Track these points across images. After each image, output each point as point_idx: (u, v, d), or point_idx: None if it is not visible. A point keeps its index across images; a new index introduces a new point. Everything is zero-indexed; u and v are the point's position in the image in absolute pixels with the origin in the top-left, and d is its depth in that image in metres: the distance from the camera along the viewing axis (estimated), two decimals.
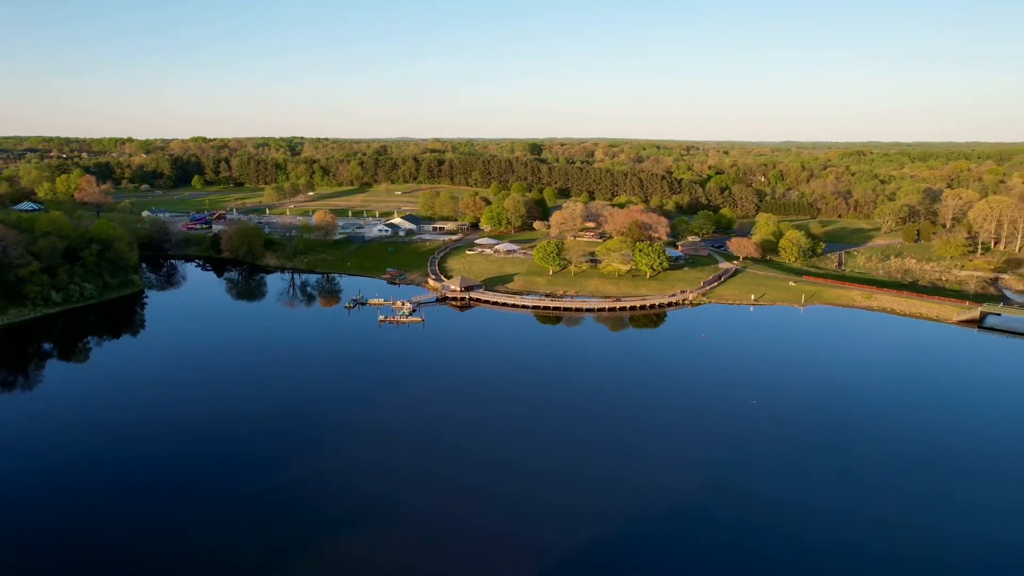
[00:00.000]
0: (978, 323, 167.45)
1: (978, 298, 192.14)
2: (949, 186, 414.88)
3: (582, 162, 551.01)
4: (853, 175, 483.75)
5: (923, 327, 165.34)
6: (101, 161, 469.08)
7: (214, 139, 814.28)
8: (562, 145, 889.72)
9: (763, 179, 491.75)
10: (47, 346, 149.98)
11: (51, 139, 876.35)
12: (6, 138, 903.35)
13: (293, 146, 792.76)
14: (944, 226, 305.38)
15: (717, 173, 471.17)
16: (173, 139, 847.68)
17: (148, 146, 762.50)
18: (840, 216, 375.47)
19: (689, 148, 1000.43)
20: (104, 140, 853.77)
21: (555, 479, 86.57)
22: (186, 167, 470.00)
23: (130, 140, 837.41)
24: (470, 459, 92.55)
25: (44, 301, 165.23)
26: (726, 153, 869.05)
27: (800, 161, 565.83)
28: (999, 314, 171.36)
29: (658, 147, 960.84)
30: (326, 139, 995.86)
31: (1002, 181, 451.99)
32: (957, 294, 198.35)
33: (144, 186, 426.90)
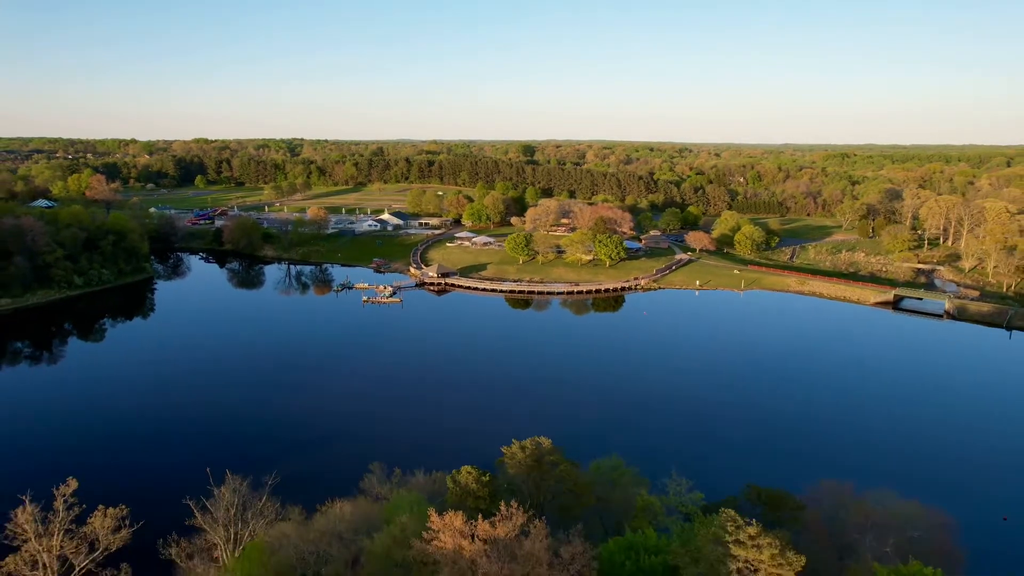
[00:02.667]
0: (893, 305, 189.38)
1: (908, 285, 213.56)
2: (921, 186, 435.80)
3: (572, 164, 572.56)
4: (827, 176, 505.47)
5: (843, 307, 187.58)
6: (108, 161, 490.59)
7: (216, 140, 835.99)
8: (557, 147, 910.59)
9: (742, 180, 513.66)
10: (69, 324, 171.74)
11: (56, 140, 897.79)
12: (12, 139, 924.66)
13: (293, 147, 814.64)
14: (900, 223, 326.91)
15: (698, 174, 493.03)
16: (175, 140, 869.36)
17: (151, 147, 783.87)
18: (809, 214, 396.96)
19: (682, 150, 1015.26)
20: (108, 141, 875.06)
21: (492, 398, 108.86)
22: (189, 167, 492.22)
23: (133, 141, 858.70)
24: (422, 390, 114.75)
25: (68, 284, 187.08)
26: (717, 155, 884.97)
27: (778, 163, 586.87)
28: (920, 298, 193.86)
29: (651, 149, 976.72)
30: (325, 140, 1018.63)
31: (971, 182, 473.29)
32: (890, 282, 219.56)
33: (149, 185, 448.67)
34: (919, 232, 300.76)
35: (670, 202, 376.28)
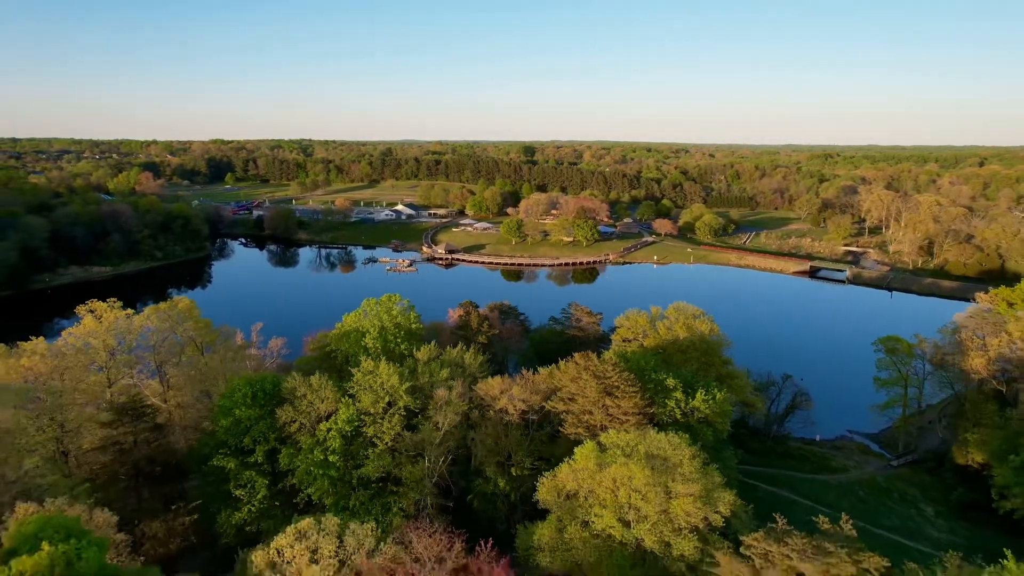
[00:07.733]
0: (810, 274, 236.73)
1: (835, 261, 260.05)
2: (889, 185, 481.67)
3: (569, 163, 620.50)
4: (799, 174, 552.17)
5: (769, 275, 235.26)
6: (148, 161, 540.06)
7: (232, 141, 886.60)
8: (557, 148, 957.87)
9: (722, 178, 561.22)
10: (154, 288, 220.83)
11: (81, 141, 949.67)
12: (39, 139, 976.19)
13: (304, 148, 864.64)
14: (853, 215, 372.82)
15: (681, 172, 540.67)
16: (192, 140, 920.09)
17: (171, 147, 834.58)
18: (776, 208, 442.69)
19: (678, 151, 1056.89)
20: (131, 142, 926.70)
21: None
22: (219, 165, 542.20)
23: (155, 142, 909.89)
24: None
25: (152, 257, 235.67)
26: (712, 156, 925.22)
27: (756, 162, 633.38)
28: (839, 269, 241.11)
29: (649, 149, 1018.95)
30: (334, 141, 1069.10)
31: (933, 181, 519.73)
32: (820, 259, 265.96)
33: (185, 182, 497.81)
34: (867, 223, 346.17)
35: (650, 197, 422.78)
